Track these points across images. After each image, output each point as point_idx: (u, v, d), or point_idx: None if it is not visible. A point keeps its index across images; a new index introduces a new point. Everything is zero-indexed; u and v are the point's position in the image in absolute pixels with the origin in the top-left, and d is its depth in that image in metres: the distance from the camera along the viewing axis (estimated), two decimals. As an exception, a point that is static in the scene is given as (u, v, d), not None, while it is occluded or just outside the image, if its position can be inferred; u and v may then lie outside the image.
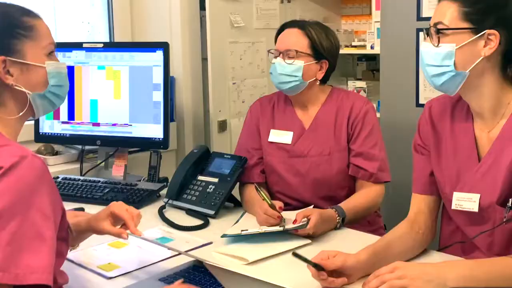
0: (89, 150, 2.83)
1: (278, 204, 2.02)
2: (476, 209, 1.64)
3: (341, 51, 3.56)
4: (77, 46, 2.62)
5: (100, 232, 1.64)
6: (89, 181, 2.53)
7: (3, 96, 1.40)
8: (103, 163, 2.72)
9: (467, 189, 1.67)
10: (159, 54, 2.53)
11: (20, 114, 1.42)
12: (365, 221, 2.27)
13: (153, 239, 1.94)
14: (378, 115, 3.12)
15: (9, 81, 1.38)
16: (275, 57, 2.26)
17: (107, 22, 3.18)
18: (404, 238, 1.76)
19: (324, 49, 2.24)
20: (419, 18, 2.79)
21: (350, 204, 2.13)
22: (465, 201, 1.67)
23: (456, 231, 1.78)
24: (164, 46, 2.53)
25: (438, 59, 1.59)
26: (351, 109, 2.26)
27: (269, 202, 2.00)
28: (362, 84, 3.68)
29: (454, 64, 1.58)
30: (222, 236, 1.93)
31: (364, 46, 3.50)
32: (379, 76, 3.58)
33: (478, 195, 1.65)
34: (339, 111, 2.28)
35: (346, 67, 4.06)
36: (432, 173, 1.81)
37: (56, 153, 2.84)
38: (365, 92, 3.63)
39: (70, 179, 2.55)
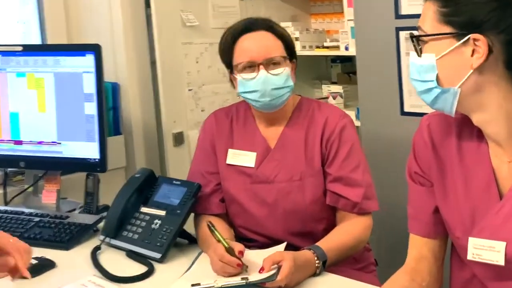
0: (16, 172, 2.39)
1: (238, 247, 1.59)
2: (501, 262, 1.24)
3: (313, 53, 3.24)
4: (-9, 49, 2.21)
5: None
6: (11, 212, 2.10)
7: None
8: (31, 187, 2.28)
9: (487, 234, 1.27)
10: (89, 59, 2.09)
11: None
12: (351, 257, 1.86)
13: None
14: (358, 123, 2.78)
15: None
16: (247, 68, 1.80)
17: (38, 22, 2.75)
18: None
19: (293, 46, 1.87)
20: (398, 16, 2.48)
21: (331, 243, 1.72)
22: (486, 250, 1.27)
23: (473, 280, 1.38)
24: (95, 49, 2.10)
25: (421, 72, 1.27)
26: (324, 124, 1.85)
27: (226, 245, 1.57)
28: (338, 88, 3.33)
29: (437, 78, 1.24)
30: (165, 294, 1.50)
31: (337, 47, 3.11)
32: (357, 79, 3.26)
33: (504, 244, 1.24)
34: (310, 127, 1.87)
35: (319, 69, 3.71)
36: (436, 209, 1.41)
37: (-24, 176, 2.37)
38: (342, 98, 3.29)
39: (-13, 210, 2.11)
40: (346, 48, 2.96)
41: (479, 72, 1.20)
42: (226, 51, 1.85)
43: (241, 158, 1.87)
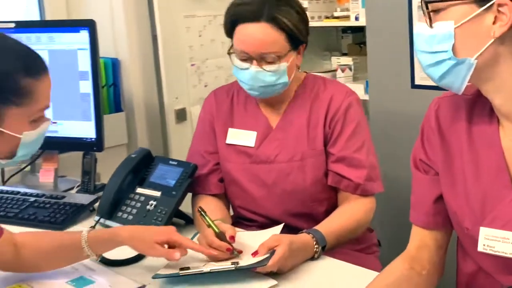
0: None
1: (229, 232, 1.53)
2: None
3: (323, 23, 3.12)
4: (-18, 27, 2.12)
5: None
6: (6, 192, 2.05)
7: None
8: (29, 166, 2.25)
9: (501, 224, 1.18)
10: (84, 35, 2.02)
11: None
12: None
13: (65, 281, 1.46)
14: (366, 97, 2.68)
15: None
16: (242, 60, 1.71)
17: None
18: (402, 282, 1.32)
19: (301, 32, 1.72)
20: (411, -17, 2.36)
21: (331, 226, 1.66)
22: (499, 241, 1.18)
23: (479, 272, 1.30)
24: (89, 25, 2.03)
25: (432, 43, 1.15)
26: (329, 103, 1.77)
27: (216, 230, 1.52)
28: (348, 60, 3.19)
29: (453, 49, 1.13)
30: (153, 277, 1.46)
31: (348, 17, 2.99)
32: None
33: None
34: (314, 105, 1.79)
35: (329, 40, 3.57)
36: (437, 199, 1.33)
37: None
38: (351, 70, 3.17)
39: (-19, 189, 2.08)
40: (356, 18, 2.84)
41: (500, 42, 1.11)
42: (227, 31, 1.76)
43: (241, 137, 1.81)
